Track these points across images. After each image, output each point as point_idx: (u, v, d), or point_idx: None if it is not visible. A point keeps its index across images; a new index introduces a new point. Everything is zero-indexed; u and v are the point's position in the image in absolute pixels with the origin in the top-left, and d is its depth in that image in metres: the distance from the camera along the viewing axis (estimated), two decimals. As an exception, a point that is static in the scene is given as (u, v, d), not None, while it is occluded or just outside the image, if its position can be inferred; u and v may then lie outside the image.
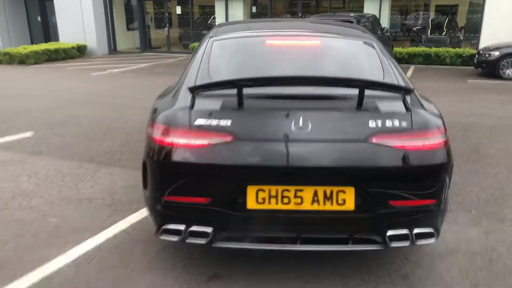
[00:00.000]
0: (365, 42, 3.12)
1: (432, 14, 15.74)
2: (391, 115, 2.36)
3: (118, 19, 18.57)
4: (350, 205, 2.31)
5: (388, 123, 2.32)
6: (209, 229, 2.38)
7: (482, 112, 7.29)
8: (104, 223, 3.43)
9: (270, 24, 3.78)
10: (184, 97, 2.53)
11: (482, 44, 12.80)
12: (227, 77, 2.62)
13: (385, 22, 14.69)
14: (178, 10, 18.35)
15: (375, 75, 2.76)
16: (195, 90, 2.41)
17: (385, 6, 15.00)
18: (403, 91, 2.42)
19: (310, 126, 2.29)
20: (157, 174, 2.44)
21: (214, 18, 17.62)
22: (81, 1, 16.64)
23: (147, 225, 3.39)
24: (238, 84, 2.32)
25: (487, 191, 4.08)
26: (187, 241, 2.43)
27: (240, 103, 2.36)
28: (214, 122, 2.32)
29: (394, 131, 2.31)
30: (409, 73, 12.03)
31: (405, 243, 2.41)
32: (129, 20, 19.22)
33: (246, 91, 2.40)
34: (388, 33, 12.53)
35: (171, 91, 2.89)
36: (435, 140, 2.35)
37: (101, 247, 3.08)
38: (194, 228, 2.40)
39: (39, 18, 19.33)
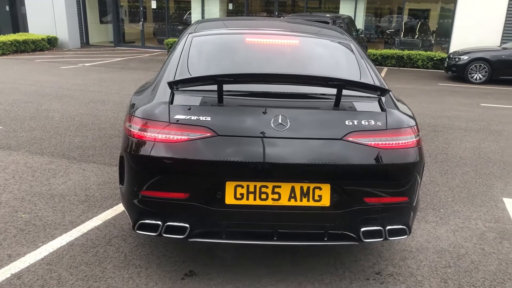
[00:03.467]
0: (343, 43, 3.19)
1: (405, 18, 16.09)
2: (367, 114, 2.43)
3: (90, 11, 18.16)
4: (326, 201, 2.35)
5: (364, 122, 2.39)
6: (186, 224, 2.39)
7: (450, 115, 7.53)
8: (77, 220, 3.36)
9: (249, 22, 3.78)
10: (163, 92, 2.52)
11: (453, 48, 13.22)
12: (206, 73, 2.62)
13: (360, 24, 14.93)
14: (153, 4, 18.07)
15: (353, 75, 2.82)
16: (174, 85, 2.41)
17: (360, 8, 15.25)
18: (379, 91, 2.50)
19: (288, 123, 2.33)
20: (135, 168, 2.41)
21: (189, 14, 17.47)
22: (52, -9, 16.19)
23: (122, 222, 3.35)
24: (219, 80, 2.31)
25: (455, 191, 4.22)
26: (164, 235, 2.42)
27: (220, 99, 2.37)
28: (193, 117, 2.32)
29: (369, 130, 2.38)
30: (382, 74, 12.28)
31: (378, 239, 2.48)
32: (103, 13, 18.81)
33: (226, 87, 2.41)
34: (362, 35, 12.74)
35: (149, 86, 2.86)
36: (408, 139, 2.43)
37: (74, 244, 3.02)
38: (171, 223, 2.40)
39: (7, 8, 18.67)
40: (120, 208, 3.55)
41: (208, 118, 2.32)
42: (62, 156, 4.78)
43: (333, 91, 2.43)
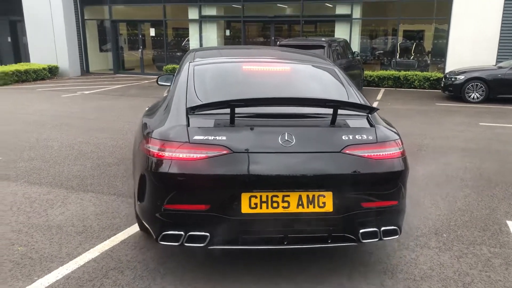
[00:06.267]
0: (328, 69, 3.65)
1: (400, 39, 16.25)
2: (360, 130, 2.80)
3: (91, 40, 18.39)
4: (329, 207, 2.65)
5: (358, 136, 2.74)
6: (206, 233, 2.62)
7: (449, 135, 7.51)
8: (73, 252, 3.31)
9: (242, 51, 4.29)
10: (176, 114, 2.83)
11: (448, 68, 13.29)
12: (214, 99, 2.86)
13: (355, 46, 15.08)
14: (152, 32, 18.31)
15: (341, 96, 3.19)
16: (191, 110, 2.70)
17: (355, 31, 15.44)
18: (369, 110, 2.88)
19: (294, 140, 2.65)
20: (157, 185, 2.65)
21: (188, 40, 17.68)
22: (53, 22, 16.42)
23: (119, 253, 3.30)
24: (232, 104, 2.62)
25: (457, 214, 4.16)
26: (186, 244, 2.64)
27: (232, 121, 2.67)
28: (210, 137, 2.60)
29: (363, 144, 2.72)
30: (379, 95, 12.34)
31: (374, 239, 2.77)
32: (102, 42, 19.05)
33: (236, 110, 2.70)
34: (358, 57, 12.85)
35: (158, 108, 3.19)
36: (394, 150, 2.80)
37: (70, 277, 2.97)
38: (192, 232, 2.63)
39: (9, 39, 18.93)
40: (117, 238, 3.51)
41: (224, 138, 2.60)
42: (61, 186, 4.75)
43: (326, 110, 2.78)
